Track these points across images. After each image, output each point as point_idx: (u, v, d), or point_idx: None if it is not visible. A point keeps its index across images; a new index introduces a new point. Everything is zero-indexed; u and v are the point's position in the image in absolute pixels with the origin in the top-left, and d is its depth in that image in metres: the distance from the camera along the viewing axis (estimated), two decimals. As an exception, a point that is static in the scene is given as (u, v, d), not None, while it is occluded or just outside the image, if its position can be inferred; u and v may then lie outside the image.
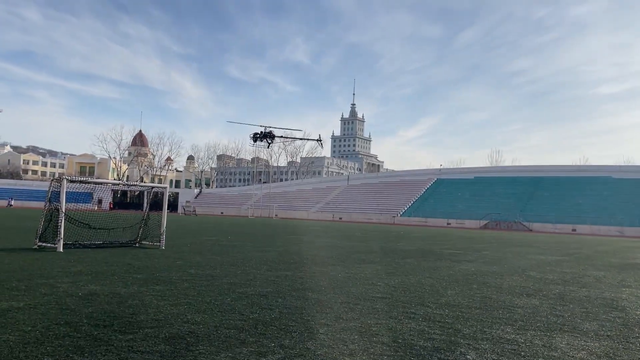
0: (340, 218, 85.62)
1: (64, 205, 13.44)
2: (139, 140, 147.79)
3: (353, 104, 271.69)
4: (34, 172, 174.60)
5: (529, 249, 23.67)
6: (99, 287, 7.98)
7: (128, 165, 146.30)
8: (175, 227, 30.21)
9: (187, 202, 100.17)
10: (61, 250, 13.29)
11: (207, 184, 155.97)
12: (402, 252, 18.43)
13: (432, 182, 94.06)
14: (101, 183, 16.19)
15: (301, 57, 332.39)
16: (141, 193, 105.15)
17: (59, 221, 13.36)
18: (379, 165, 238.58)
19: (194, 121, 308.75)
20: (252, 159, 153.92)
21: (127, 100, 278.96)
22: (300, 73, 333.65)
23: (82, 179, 13.98)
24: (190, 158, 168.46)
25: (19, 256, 11.86)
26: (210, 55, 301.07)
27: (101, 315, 6.01)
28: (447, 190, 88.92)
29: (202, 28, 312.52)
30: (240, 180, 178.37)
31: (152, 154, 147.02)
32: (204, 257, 13.53)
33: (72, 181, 13.74)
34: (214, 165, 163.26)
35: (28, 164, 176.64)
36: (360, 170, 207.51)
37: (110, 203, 68.98)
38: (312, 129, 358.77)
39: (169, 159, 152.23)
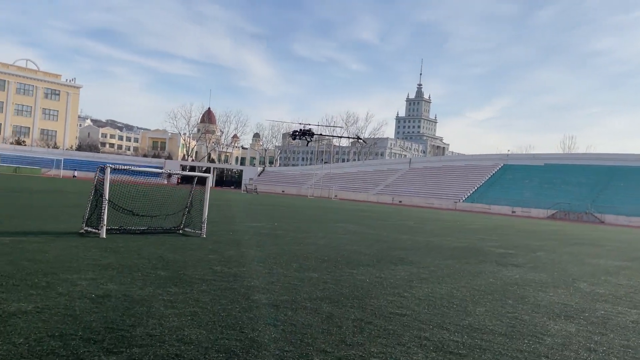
0: (400, 201, 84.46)
1: (107, 192, 13.80)
2: (207, 117, 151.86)
3: (419, 84, 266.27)
4: (111, 145, 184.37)
5: (590, 250, 22.17)
6: (117, 287, 8.03)
7: (197, 141, 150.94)
8: (230, 208, 30.73)
9: (250, 179, 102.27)
10: (104, 236, 13.69)
11: (271, 162, 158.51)
12: (447, 249, 17.72)
13: (498, 168, 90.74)
14: (143, 172, 16.55)
15: (369, 36, 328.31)
16: (207, 169, 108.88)
17: (103, 208, 13.74)
18: (444, 147, 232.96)
19: (261, 99, 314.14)
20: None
21: (199, 77, 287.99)
22: (368, 52, 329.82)
23: (125, 167, 14.31)
24: (256, 136, 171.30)
25: (59, 243, 12.29)
26: (280, 34, 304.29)
27: (99, 327, 5.97)
28: (514, 177, 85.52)
29: (272, 7, 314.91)
30: (303, 159, 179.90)
31: (220, 131, 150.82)
32: (239, 250, 13.51)
33: (115, 169, 14.08)
34: (278, 144, 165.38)
35: (106, 137, 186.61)
36: (424, 152, 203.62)
37: (178, 178, 71.27)
38: (377, 109, 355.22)
39: (235, 136, 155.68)
